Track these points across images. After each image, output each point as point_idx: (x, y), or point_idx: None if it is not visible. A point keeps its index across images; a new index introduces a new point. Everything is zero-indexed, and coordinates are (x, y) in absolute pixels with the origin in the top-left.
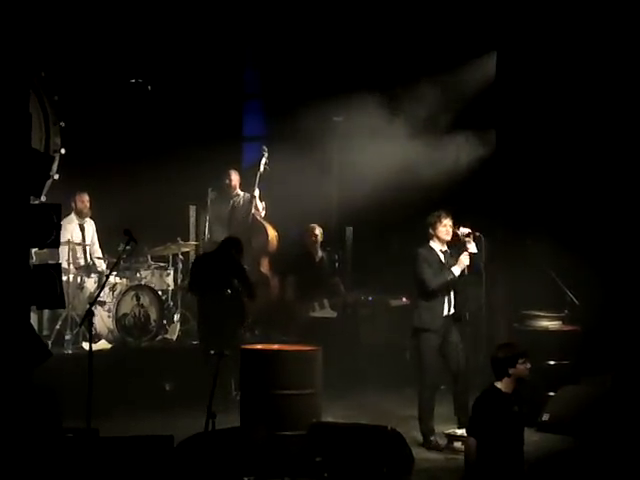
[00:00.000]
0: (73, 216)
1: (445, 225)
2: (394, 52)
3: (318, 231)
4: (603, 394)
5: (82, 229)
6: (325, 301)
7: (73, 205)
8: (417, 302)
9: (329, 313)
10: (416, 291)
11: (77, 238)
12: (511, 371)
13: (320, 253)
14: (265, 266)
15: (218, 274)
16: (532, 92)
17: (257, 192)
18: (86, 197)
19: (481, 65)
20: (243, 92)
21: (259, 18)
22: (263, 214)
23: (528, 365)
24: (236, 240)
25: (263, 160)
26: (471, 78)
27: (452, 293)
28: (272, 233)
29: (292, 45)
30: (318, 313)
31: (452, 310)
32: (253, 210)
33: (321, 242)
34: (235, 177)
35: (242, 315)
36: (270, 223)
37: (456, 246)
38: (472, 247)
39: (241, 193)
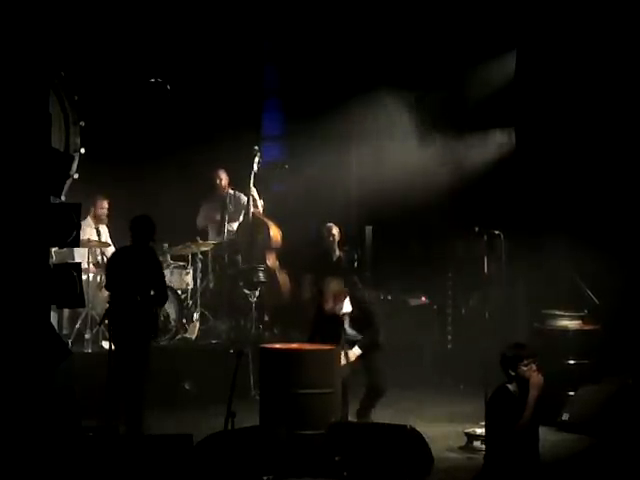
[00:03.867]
0: (90, 220)
1: None
2: (414, 51)
3: (335, 230)
4: (623, 394)
5: (98, 233)
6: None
7: (92, 210)
8: None
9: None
10: None
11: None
12: (512, 373)
13: (338, 252)
14: (271, 260)
15: (134, 276)
16: (552, 90)
17: (254, 191)
18: (105, 204)
19: (501, 64)
20: (262, 91)
21: (279, 17)
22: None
23: (533, 367)
24: (143, 221)
25: (256, 159)
26: (491, 77)
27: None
28: (275, 229)
29: (312, 44)
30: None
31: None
32: (253, 209)
33: (339, 241)
34: (224, 176)
35: (153, 328)
36: (272, 220)
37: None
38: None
39: (232, 192)
